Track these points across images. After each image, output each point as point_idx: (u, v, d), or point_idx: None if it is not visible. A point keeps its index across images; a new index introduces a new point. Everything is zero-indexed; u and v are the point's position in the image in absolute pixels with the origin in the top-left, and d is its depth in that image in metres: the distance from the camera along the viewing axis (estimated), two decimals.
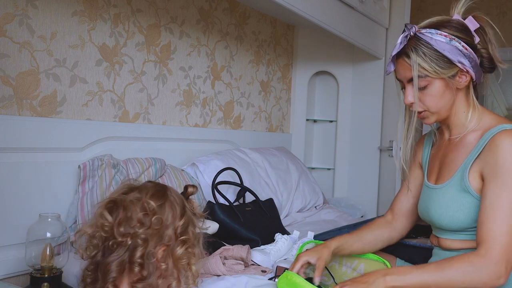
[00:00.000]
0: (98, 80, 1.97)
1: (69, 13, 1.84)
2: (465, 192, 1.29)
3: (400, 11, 3.14)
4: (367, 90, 3.24)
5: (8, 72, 1.66)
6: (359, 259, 1.47)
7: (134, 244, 1.09)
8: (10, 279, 1.61)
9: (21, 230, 1.54)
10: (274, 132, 3.17)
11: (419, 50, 1.28)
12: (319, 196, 2.82)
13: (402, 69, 1.33)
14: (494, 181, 1.22)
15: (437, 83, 1.30)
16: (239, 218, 1.95)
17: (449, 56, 1.27)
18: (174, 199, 1.19)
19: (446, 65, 1.28)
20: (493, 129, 1.27)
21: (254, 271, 1.58)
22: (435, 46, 1.27)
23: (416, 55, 1.28)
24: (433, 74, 1.28)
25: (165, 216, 1.14)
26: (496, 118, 1.34)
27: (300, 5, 2.24)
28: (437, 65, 1.27)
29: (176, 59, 2.35)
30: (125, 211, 1.12)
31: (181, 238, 1.15)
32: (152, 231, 1.11)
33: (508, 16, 4.00)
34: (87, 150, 1.87)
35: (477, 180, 1.28)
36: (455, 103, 1.34)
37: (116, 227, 1.10)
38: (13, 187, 1.63)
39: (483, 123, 1.33)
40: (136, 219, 1.11)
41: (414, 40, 1.30)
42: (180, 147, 2.35)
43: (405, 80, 1.34)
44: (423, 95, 1.31)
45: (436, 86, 1.30)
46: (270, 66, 3.10)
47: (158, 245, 1.12)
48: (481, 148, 1.28)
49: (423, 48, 1.28)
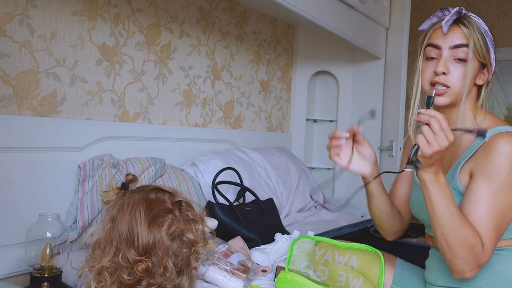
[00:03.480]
0: (98, 80, 1.97)
1: (69, 13, 1.84)
2: (455, 192, 1.29)
3: (400, 11, 3.14)
4: (367, 90, 3.24)
5: (8, 72, 1.66)
6: (351, 251, 1.46)
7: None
8: (10, 278, 1.61)
9: (21, 230, 1.54)
10: (274, 132, 3.17)
11: (474, 25, 1.28)
12: (319, 196, 2.82)
13: (452, 34, 1.29)
14: (482, 180, 1.21)
15: (475, 64, 1.29)
16: (239, 218, 1.95)
17: (489, 45, 1.29)
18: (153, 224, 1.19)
19: (486, 52, 1.29)
20: (489, 131, 1.26)
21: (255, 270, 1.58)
22: (482, 30, 1.29)
23: (473, 28, 1.28)
24: (477, 53, 1.28)
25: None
26: (495, 120, 1.33)
27: (300, 5, 2.24)
28: (484, 46, 1.28)
29: (176, 59, 2.35)
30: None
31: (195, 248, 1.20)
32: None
33: (508, 16, 4.00)
34: (87, 150, 1.87)
35: (466, 179, 1.27)
36: (467, 96, 1.32)
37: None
38: (13, 186, 1.63)
39: (482, 124, 1.32)
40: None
41: (467, 17, 1.30)
42: (180, 147, 2.35)
43: (448, 45, 1.29)
44: (456, 68, 1.29)
45: (472, 66, 1.28)
46: (270, 66, 3.10)
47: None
48: (475, 149, 1.27)
49: (475, 26, 1.28)
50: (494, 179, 1.20)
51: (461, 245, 1.18)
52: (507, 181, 1.20)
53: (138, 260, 1.10)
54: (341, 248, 1.46)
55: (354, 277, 1.40)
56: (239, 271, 1.49)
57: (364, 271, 1.40)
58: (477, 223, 1.20)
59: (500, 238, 1.23)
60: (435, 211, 1.20)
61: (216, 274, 1.46)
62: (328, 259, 1.49)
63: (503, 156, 1.20)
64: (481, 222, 1.19)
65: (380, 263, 1.40)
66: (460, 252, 1.18)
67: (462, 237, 1.17)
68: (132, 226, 1.12)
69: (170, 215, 1.17)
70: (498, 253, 1.27)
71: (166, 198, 1.20)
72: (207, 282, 1.47)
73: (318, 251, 1.48)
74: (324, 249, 1.47)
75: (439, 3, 4.06)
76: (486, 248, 1.19)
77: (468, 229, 1.18)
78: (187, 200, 1.23)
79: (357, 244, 1.47)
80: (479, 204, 1.20)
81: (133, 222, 1.12)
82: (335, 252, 1.49)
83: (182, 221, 1.17)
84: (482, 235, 1.19)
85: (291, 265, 1.51)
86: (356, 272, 1.41)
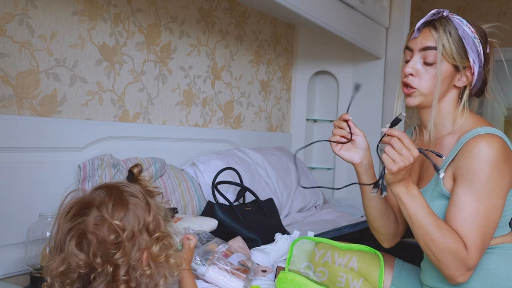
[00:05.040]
0: (98, 80, 1.97)
1: (69, 13, 1.84)
2: (441, 197, 1.30)
3: (400, 11, 3.14)
4: (367, 90, 3.24)
5: (8, 72, 1.66)
6: (351, 252, 1.46)
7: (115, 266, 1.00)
8: (10, 278, 1.61)
9: (21, 230, 1.54)
10: (274, 132, 3.17)
11: (447, 28, 1.29)
12: (319, 196, 2.82)
13: (423, 37, 1.32)
14: (463, 185, 1.23)
15: (444, 65, 1.29)
16: (239, 218, 1.95)
17: (468, 49, 1.28)
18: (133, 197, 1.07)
19: (462, 55, 1.29)
20: (468, 134, 1.27)
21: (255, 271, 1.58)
22: (461, 33, 1.28)
23: (443, 32, 1.28)
24: (447, 55, 1.28)
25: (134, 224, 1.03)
26: (477, 121, 1.32)
27: (300, 5, 2.24)
28: (456, 50, 1.28)
29: (176, 59, 2.35)
30: (94, 239, 0.99)
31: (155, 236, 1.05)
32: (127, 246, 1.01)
33: (508, 16, 4.00)
34: (87, 150, 1.87)
35: (450, 182, 1.28)
36: (444, 98, 1.33)
37: (93, 260, 0.99)
38: (13, 186, 1.63)
39: (463, 126, 1.33)
40: (110, 243, 0.99)
41: (445, 19, 1.31)
42: (180, 147, 2.35)
43: (418, 47, 1.32)
44: (425, 70, 1.31)
45: (441, 67, 1.29)
46: (270, 66, 3.10)
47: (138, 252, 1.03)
48: (455, 152, 1.27)
49: (451, 29, 1.28)
50: (475, 183, 1.21)
51: (443, 251, 1.19)
52: (487, 184, 1.20)
53: None
54: (340, 249, 1.47)
55: (354, 278, 1.41)
56: (239, 271, 1.49)
57: (364, 272, 1.40)
58: (461, 227, 1.21)
59: (488, 240, 1.23)
60: (413, 221, 1.22)
61: (216, 274, 1.46)
62: (328, 260, 1.49)
63: (481, 159, 1.20)
64: (465, 226, 1.21)
65: (379, 264, 1.40)
66: (444, 259, 1.20)
67: (443, 244, 1.19)
68: None
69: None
70: (490, 251, 1.28)
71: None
72: (207, 282, 1.47)
73: (318, 252, 1.48)
74: (324, 250, 1.47)
75: (439, 3, 4.06)
76: (470, 251, 1.19)
77: (447, 235, 1.20)
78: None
79: (357, 245, 1.47)
80: (462, 209, 1.21)
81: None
82: (334, 253, 1.49)
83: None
84: (466, 239, 1.20)
85: (291, 265, 1.51)
86: (356, 273, 1.41)
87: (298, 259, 1.51)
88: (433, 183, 1.33)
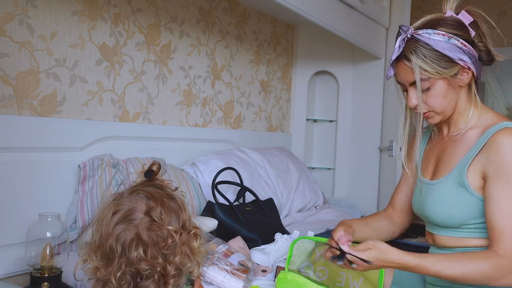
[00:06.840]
0: (98, 80, 1.97)
1: (69, 13, 1.84)
2: (462, 188, 1.29)
3: (400, 11, 3.14)
4: (367, 90, 3.24)
5: (8, 72, 1.66)
6: None
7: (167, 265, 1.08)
8: (10, 278, 1.61)
9: (21, 230, 1.54)
10: (274, 132, 3.17)
11: (419, 52, 1.26)
12: (319, 196, 2.82)
13: (404, 72, 1.31)
14: (498, 180, 1.23)
15: (440, 83, 1.29)
16: (239, 218, 1.95)
17: (450, 54, 1.26)
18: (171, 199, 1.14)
19: (448, 64, 1.27)
20: (494, 127, 1.27)
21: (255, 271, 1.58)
22: (435, 46, 1.26)
23: (417, 58, 1.26)
24: (436, 75, 1.27)
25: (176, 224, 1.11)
26: (497, 115, 1.34)
27: (300, 5, 2.24)
28: (439, 65, 1.26)
29: (176, 59, 2.35)
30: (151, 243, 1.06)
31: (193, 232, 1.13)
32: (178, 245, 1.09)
33: (508, 16, 4.00)
34: (87, 150, 1.87)
35: (477, 178, 1.28)
36: (458, 101, 1.34)
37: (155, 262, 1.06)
38: (13, 186, 1.63)
39: (484, 120, 1.33)
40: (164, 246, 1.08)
41: (412, 42, 1.28)
42: (180, 147, 2.35)
43: (407, 83, 1.33)
44: (427, 96, 1.30)
45: (439, 87, 1.29)
46: (270, 66, 3.10)
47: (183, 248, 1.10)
48: (481, 145, 1.28)
49: (423, 50, 1.26)
50: (510, 178, 1.21)
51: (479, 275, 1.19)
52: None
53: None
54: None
55: (354, 278, 1.41)
56: (239, 271, 1.49)
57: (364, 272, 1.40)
58: (497, 226, 1.21)
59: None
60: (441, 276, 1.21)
61: (216, 274, 1.46)
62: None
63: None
64: (500, 225, 1.20)
65: None
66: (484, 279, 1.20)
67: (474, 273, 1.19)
68: None
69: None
70: None
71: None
72: (207, 282, 1.47)
73: (318, 252, 1.49)
74: (324, 249, 1.47)
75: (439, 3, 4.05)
76: (505, 254, 1.19)
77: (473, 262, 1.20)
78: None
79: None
80: (497, 209, 1.22)
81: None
82: None
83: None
84: (498, 240, 1.20)
85: (291, 265, 1.51)
86: (356, 273, 1.41)
87: (298, 259, 1.51)
88: (457, 172, 1.32)
